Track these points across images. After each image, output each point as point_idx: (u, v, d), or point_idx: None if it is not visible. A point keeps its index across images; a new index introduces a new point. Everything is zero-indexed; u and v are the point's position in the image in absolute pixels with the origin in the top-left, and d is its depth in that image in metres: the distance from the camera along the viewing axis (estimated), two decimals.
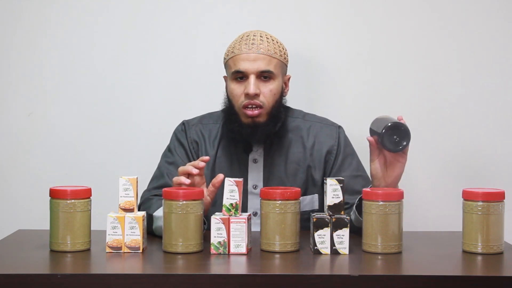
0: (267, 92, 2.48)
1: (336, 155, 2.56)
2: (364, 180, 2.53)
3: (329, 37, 2.97)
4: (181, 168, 2.28)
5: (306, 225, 2.24)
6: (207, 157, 2.30)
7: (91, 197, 2.16)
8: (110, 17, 2.97)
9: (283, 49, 2.55)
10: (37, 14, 2.96)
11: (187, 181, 2.23)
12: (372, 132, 2.35)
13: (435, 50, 2.96)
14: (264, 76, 2.48)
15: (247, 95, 2.46)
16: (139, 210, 2.41)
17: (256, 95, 2.46)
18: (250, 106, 2.47)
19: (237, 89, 2.49)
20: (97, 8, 2.97)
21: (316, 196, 2.54)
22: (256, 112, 2.47)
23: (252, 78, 2.46)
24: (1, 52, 2.98)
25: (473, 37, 2.96)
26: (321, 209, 2.52)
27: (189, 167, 2.26)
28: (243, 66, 2.47)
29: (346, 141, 2.59)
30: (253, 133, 2.49)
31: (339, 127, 2.62)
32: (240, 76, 2.49)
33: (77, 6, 2.96)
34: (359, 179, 2.53)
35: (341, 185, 2.14)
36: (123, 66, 2.97)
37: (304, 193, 2.52)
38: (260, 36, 2.52)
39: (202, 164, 2.27)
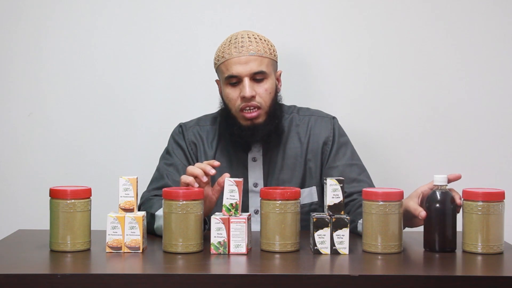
0: (262, 92, 2.49)
1: (332, 145, 2.57)
2: (359, 168, 2.55)
3: (329, 37, 2.97)
4: (190, 169, 2.26)
5: (307, 217, 2.24)
6: (217, 162, 2.29)
7: (91, 197, 2.16)
8: (110, 18, 2.97)
9: (272, 46, 2.56)
10: (37, 14, 2.96)
11: (196, 185, 2.21)
12: (429, 205, 2.16)
13: (435, 50, 2.96)
14: (258, 77, 2.49)
15: (243, 98, 2.47)
16: (139, 211, 2.41)
17: (253, 97, 2.48)
18: (247, 108, 2.48)
19: (232, 93, 2.50)
20: (97, 9, 2.97)
21: (314, 188, 2.55)
22: (254, 114, 2.49)
23: (246, 81, 2.47)
24: (1, 52, 2.98)
25: (473, 38, 2.96)
26: (320, 200, 2.53)
27: (199, 172, 2.23)
28: (236, 70, 2.48)
29: (340, 131, 2.61)
30: (254, 134, 2.50)
31: (333, 117, 2.63)
32: (234, 81, 2.49)
33: (77, 6, 2.97)
34: (354, 167, 2.54)
35: (341, 185, 2.14)
36: (123, 67, 2.97)
37: (302, 186, 2.53)
38: (248, 36, 2.52)
39: (213, 171, 2.25)
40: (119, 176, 2.16)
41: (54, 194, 2.13)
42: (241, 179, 2.16)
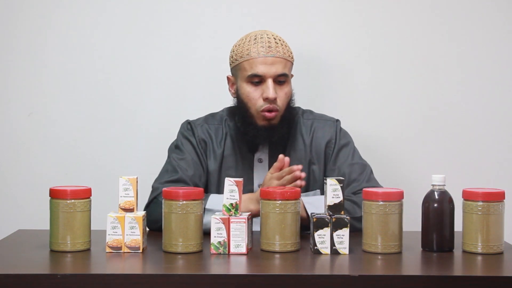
0: (282, 95, 2.50)
1: (333, 148, 2.57)
2: (360, 168, 2.54)
3: (330, 37, 2.97)
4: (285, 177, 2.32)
5: None
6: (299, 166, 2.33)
7: (91, 197, 2.16)
8: (110, 17, 2.97)
9: (291, 49, 2.56)
10: (37, 14, 2.96)
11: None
12: None
13: (436, 50, 2.96)
14: (280, 79, 2.49)
15: (266, 99, 2.47)
16: (150, 204, 2.42)
17: (275, 99, 2.47)
18: (268, 110, 2.48)
19: (254, 92, 2.49)
20: (97, 8, 2.97)
21: (318, 191, 2.55)
22: (273, 114, 2.49)
23: (270, 82, 2.47)
24: (1, 52, 2.98)
25: (473, 38, 2.96)
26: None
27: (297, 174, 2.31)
28: (261, 70, 2.47)
29: (342, 133, 2.61)
30: (269, 135, 2.50)
31: (337, 120, 2.63)
32: (256, 80, 2.49)
33: (77, 6, 2.97)
34: (355, 167, 2.53)
35: (341, 185, 2.14)
36: (123, 66, 2.97)
37: (307, 189, 2.53)
38: (274, 38, 2.52)
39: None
40: (119, 176, 2.16)
41: (54, 194, 2.13)
42: (241, 179, 2.16)
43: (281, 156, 2.36)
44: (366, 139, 2.94)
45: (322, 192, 2.55)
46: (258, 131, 2.50)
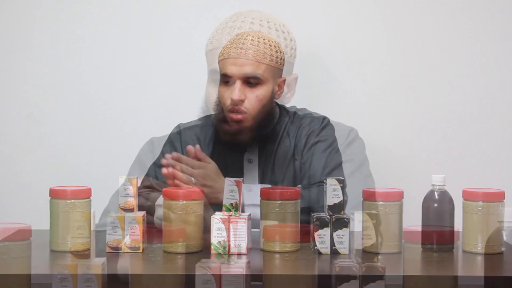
0: (253, 98, 2.45)
1: (311, 141, 2.52)
2: (325, 160, 2.48)
3: (331, 37, 2.97)
4: (180, 176, 2.30)
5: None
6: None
7: (91, 197, 2.16)
8: (109, 18, 2.97)
9: (278, 52, 2.49)
10: (36, 14, 2.96)
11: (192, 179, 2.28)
12: None
13: (435, 50, 2.96)
14: (251, 81, 2.46)
15: (232, 100, 2.45)
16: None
17: (241, 101, 2.45)
18: (234, 111, 2.46)
19: (225, 92, 2.47)
20: (96, 9, 2.97)
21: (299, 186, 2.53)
22: (239, 116, 2.45)
23: (237, 84, 2.44)
24: (1, 52, 2.97)
25: (473, 37, 2.96)
26: None
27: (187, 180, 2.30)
28: (230, 70, 2.45)
29: (326, 129, 2.54)
30: (238, 136, 2.48)
31: (325, 118, 2.58)
32: (227, 80, 2.47)
33: (77, 7, 2.97)
34: (321, 160, 2.47)
35: (341, 185, 2.14)
36: (122, 67, 2.97)
37: (294, 185, 2.52)
38: (252, 39, 2.46)
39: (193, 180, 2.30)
40: (119, 176, 2.16)
41: (54, 194, 2.13)
42: (241, 179, 2.16)
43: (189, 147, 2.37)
44: (366, 139, 2.94)
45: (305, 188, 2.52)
46: (226, 130, 2.49)
